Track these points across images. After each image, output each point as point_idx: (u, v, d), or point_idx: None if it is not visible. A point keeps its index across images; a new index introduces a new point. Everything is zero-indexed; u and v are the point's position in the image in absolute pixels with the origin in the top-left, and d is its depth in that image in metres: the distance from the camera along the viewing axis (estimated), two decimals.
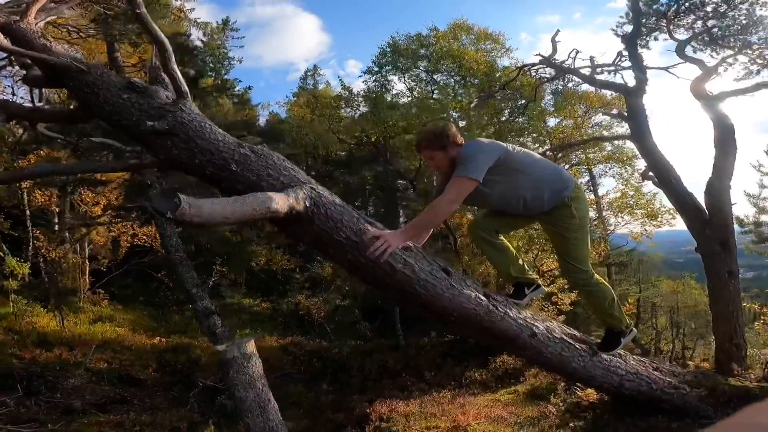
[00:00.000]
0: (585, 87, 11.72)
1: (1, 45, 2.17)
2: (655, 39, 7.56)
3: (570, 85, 12.00)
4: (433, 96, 12.93)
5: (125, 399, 7.04)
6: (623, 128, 12.26)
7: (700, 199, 5.92)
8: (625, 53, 7.43)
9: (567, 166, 14.35)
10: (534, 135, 12.87)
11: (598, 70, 8.00)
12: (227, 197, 1.55)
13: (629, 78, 7.67)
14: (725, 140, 5.78)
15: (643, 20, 7.18)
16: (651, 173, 6.92)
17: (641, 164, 11.43)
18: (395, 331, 11.17)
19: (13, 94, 7.62)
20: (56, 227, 12.40)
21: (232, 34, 20.24)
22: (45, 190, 11.46)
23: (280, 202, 1.73)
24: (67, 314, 10.30)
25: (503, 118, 12.11)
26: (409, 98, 13.85)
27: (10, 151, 9.32)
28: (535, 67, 9.24)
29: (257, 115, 20.91)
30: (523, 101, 11.44)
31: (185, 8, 11.93)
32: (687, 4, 6.85)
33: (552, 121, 13.73)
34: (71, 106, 2.46)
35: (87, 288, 12.27)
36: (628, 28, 7.30)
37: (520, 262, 2.82)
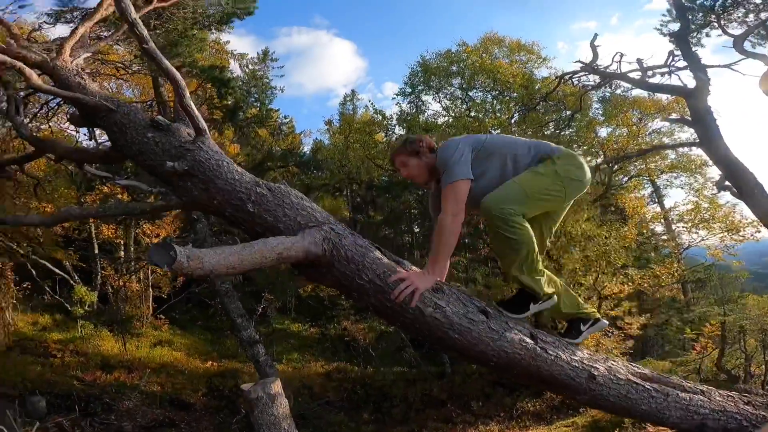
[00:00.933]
0: (637, 92, 10.95)
1: (34, 84, 2.23)
2: (707, 35, 6.97)
3: (618, 91, 11.27)
4: (470, 114, 12.60)
5: (174, 422, 7.22)
6: (687, 134, 11.23)
7: None
8: (678, 52, 6.86)
9: (626, 179, 13.38)
10: (585, 147, 12.12)
11: (649, 73, 7.41)
12: (232, 245, 1.43)
13: (686, 79, 7.05)
14: None
15: (690, 16, 6.63)
16: (727, 182, 6.20)
17: (713, 172, 10.39)
18: (441, 358, 10.71)
19: (77, 132, 8.29)
20: (121, 258, 13.34)
21: (272, 64, 21.25)
22: (110, 224, 12.42)
23: (295, 246, 1.61)
24: (129, 339, 10.92)
25: (547, 131, 11.56)
26: (446, 117, 13.61)
27: (78, 187, 10.21)
28: (577, 76, 8.76)
29: (300, 143, 21.58)
30: (569, 112, 10.86)
31: (221, 40, 12.59)
32: None
33: (603, 131, 12.93)
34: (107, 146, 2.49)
35: (149, 314, 12.99)
36: (674, 27, 6.76)
37: (572, 294, 2.47)
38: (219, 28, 8.64)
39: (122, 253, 13.46)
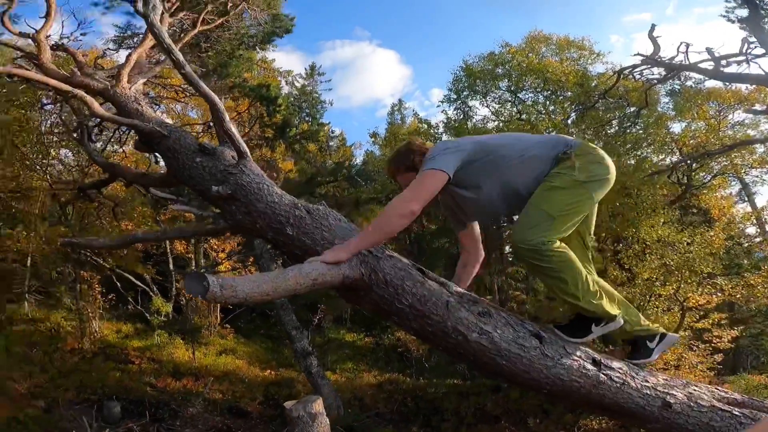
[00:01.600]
0: (711, 83, 9.91)
1: (95, 112, 2.38)
2: None
3: (689, 83, 10.27)
4: (521, 116, 12.08)
5: (231, 430, 7.51)
6: None
7: None
8: (753, 39, 6.11)
9: (709, 177, 12.14)
10: (656, 144, 11.13)
11: (723, 62, 6.68)
12: (265, 272, 1.43)
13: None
14: None
15: (757, 0, 5.89)
16: None
17: None
18: None
19: (151, 156, 9.04)
20: (192, 270, 14.35)
21: (320, 79, 21.92)
22: (182, 241, 13.44)
23: (330, 272, 1.57)
24: (198, 347, 11.65)
25: (610, 130, 10.77)
26: (495, 122, 13.16)
27: (151, 207, 11.17)
28: (638, 69, 8.09)
29: (352, 155, 21.94)
30: (633, 108, 10.06)
31: (267, 59, 13.12)
32: None
33: (676, 126, 11.81)
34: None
35: (216, 323, 13.83)
36: (742, 12, 6.03)
37: (633, 310, 2.19)
38: (263, 47, 9.07)
39: (193, 266, 14.49)
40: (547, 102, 12.08)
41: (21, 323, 9.87)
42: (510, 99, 12.97)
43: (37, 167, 10.00)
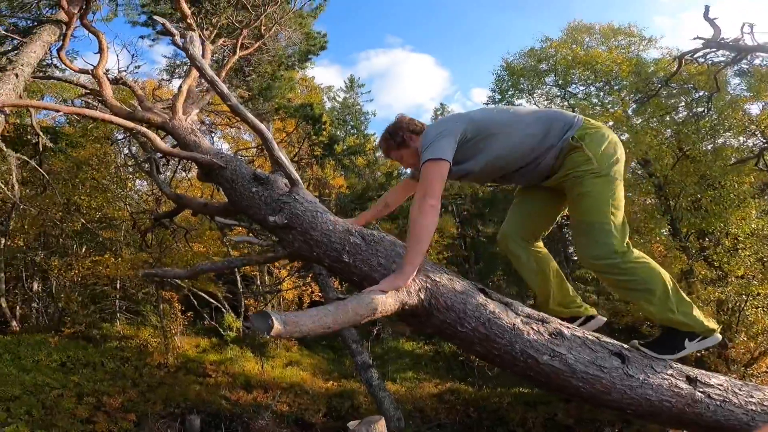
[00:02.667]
0: None
1: (159, 148, 2.50)
2: None
3: (757, 61, 9.24)
4: (573, 111, 11.44)
5: None
6: None
7: None
8: None
9: None
10: (734, 129, 10.04)
11: None
12: (326, 305, 1.44)
13: None
14: None
15: None
16: None
17: None
18: None
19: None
20: (258, 288, 15.20)
21: (360, 90, 22.27)
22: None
23: (388, 301, 1.55)
24: (266, 360, 12.22)
25: (678, 116, 9.85)
26: None
27: (219, 230, 12.00)
28: (700, 53, 7.34)
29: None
30: (702, 93, 9.16)
31: (308, 77, 13.48)
32: None
33: (754, 108, 10.57)
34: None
35: None
36: None
37: (565, 287, 2.00)
38: (302, 66, 9.38)
39: (258, 284, 15.30)
40: (601, 93, 11.36)
41: (114, 340, 10.94)
42: (559, 94, 12.36)
43: (118, 198, 11.15)
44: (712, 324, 1.74)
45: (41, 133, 4.58)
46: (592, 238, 1.67)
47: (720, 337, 1.78)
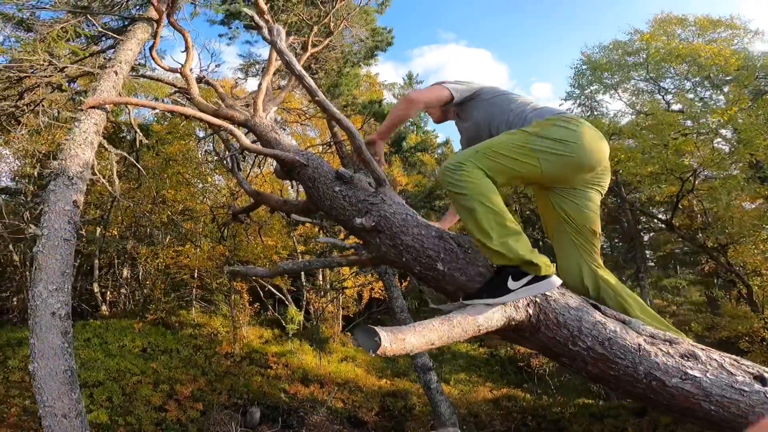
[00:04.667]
0: None
1: (244, 145, 2.54)
2: None
3: None
4: (669, 107, 10.31)
5: None
6: None
7: None
8: None
9: None
10: None
11: None
12: (431, 321, 1.32)
13: None
14: None
15: None
16: None
17: None
18: None
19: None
20: (320, 284, 15.66)
21: (418, 87, 22.10)
22: (311, 256, 14.78)
23: (495, 316, 1.41)
24: (324, 355, 12.52)
25: None
26: (632, 115, 11.51)
27: (288, 225, 12.56)
28: None
29: None
30: None
31: (372, 74, 13.41)
32: None
33: None
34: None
35: (339, 330, 14.80)
36: None
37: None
38: (367, 63, 9.34)
39: (320, 279, 15.75)
40: (698, 88, 10.19)
41: (189, 327, 11.77)
42: (648, 89, 11.27)
43: (198, 193, 12.00)
44: (540, 259, 1.45)
45: (138, 130, 4.87)
46: (460, 153, 1.62)
47: (558, 280, 1.47)
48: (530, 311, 1.49)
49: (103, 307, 12.42)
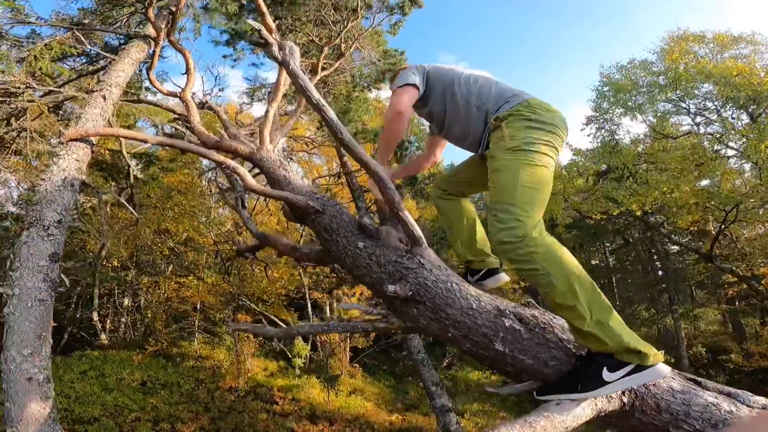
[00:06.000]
0: None
1: (249, 186, 2.23)
2: None
3: None
4: (706, 131, 10.13)
5: None
6: None
7: None
8: None
9: None
10: None
11: None
12: (515, 421, 1.08)
13: None
14: None
15: None
16: None
17: None
18: None
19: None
20: (328, 317, 15.25)
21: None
22: (319, 291, 14.45)
23: (585, 413, 1.16)
24: (332, 389, 12.01)
25: None
26: (652, 139, 11.27)
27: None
28: None
29: None
30: None
31: (380, 98, 13.21)
32: None
33: None
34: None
35: (347, 362, 14.34)
36: None
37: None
38: (377, 87, 9.04)
39: (327, 311, 15.34)
40: (721, 109, 10.06)
41: (191, 359, 11.35)
42: (674, 110, 11.10)
43: (203, 225, 11.79)
44: (646, 348, 1.19)
45: (132, 164, 4.49)
46: (500, 217, 1.44)
47: (666, 369, 1.20)
48: (625, 400, 1.22)
49: (102, 336, 12.06)
